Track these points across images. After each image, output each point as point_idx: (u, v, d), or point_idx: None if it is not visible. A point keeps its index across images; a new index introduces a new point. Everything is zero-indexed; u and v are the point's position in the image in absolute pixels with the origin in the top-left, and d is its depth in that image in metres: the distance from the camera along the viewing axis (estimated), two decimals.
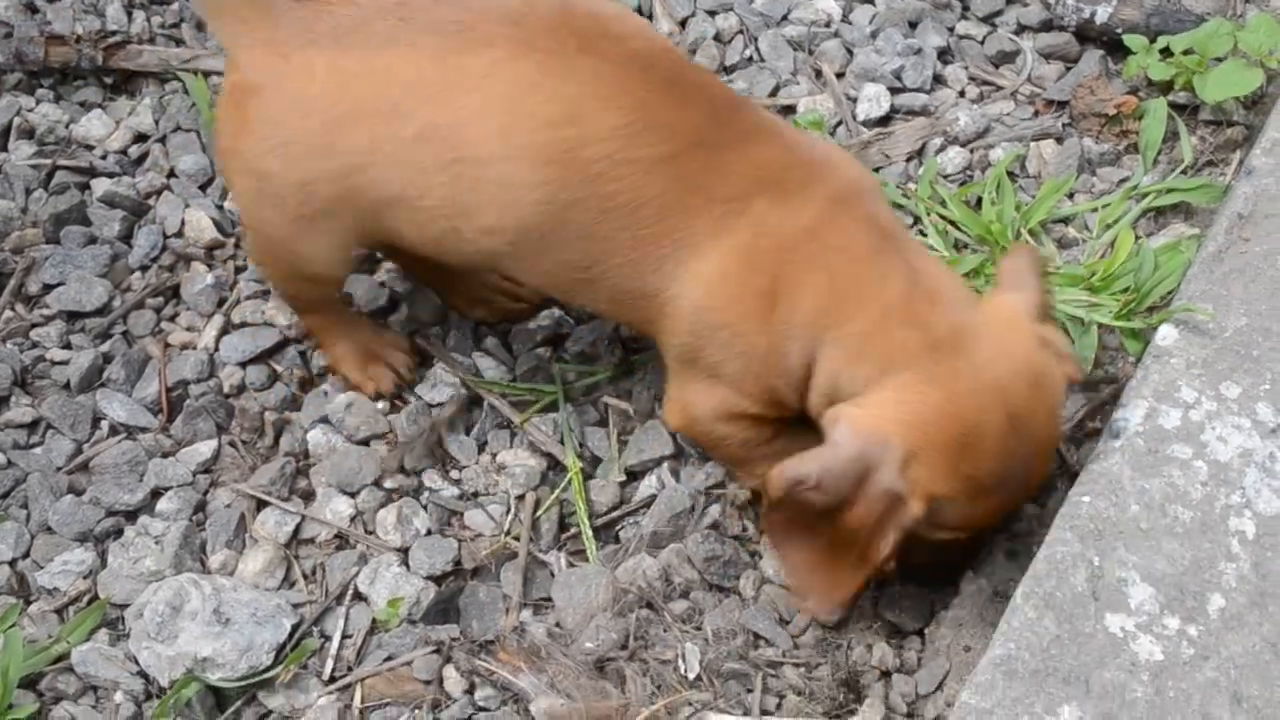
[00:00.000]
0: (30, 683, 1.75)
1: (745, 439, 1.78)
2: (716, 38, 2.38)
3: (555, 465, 1.92)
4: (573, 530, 1.87)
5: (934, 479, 1.57)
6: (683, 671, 1.72)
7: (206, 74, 2.31)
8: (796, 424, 1.74)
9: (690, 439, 1.88)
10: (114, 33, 2.36)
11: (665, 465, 1.91)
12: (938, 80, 2.33)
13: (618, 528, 1.88)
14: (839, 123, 2.27)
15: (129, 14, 2.40)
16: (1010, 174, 2.18)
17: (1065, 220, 2.13)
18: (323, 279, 1.86)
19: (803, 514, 1.60)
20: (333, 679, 1.76)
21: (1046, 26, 2.39)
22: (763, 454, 1.78)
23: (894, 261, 1.64)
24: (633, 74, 1.65)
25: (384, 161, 1.67)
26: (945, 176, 2.20)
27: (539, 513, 1.87)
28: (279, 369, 2.02)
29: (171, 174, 2.23)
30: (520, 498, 1.89)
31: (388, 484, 1.90)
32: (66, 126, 2.27)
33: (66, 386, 2.01)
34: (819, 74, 2.34)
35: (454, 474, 1.92)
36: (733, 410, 1.74)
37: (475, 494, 1.90)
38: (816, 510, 1.59)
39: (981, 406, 1.57)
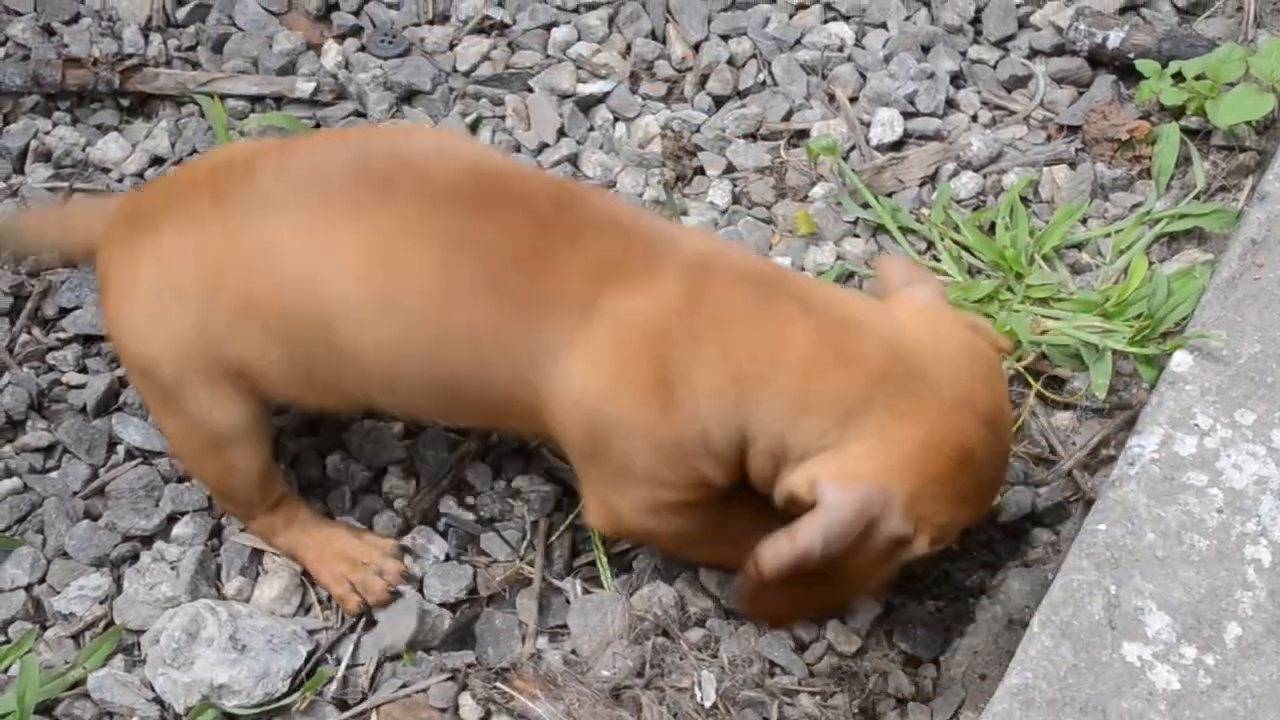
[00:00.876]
0: (46, 709, 1.76)
1: (678, 529, 1.70)
2: (730, 62, 2.38)
3: (569, 491, 1.92)
4: (587, 557, 1.87)
5: (937, 511, 1.55)
6: (699, 699, 1.72)
7: (223, 97, 2.32)
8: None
9: (627, 540, 1.83)
10: (131, 55, 2.37)
11: None
12: (950, 105, 2.34)
13: (631, 555, 1.87)
14: (852, 147, 2.27)
15: (146, 37, 2.41)
16: (1023, 199, 2.18)
17: (1078, 246, 2.14)
18: (230, 437, 1.75)
19: (788, 580, 1.56)
20: (348, 706, 1.76)
21: (1059, 51, 2.39)
22: (700, 537, 1.72)
23: (785, 305, 1.57)
24: (438, 207, 1.60)
25: (217, 336, 1.67)
26: (958, 201, 2.20)
27: (552, 538, 1.88)
28: None
29: None
30: (535, 524, 1.89)
31: (406, 511, 1.91)
32: (83, 149, 2.28)
33: (83, 410, 2.01)
34: (832, 98, 2.34)
35: (469, 499, 1.93)
36: (656, 503, 1.66)
37: (491, 519, 1.91)
38: (806, 573, 1.55)
39: (960, 425, 1.54)
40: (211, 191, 1.67)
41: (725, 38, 2.42)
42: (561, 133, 2.31)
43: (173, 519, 1.91)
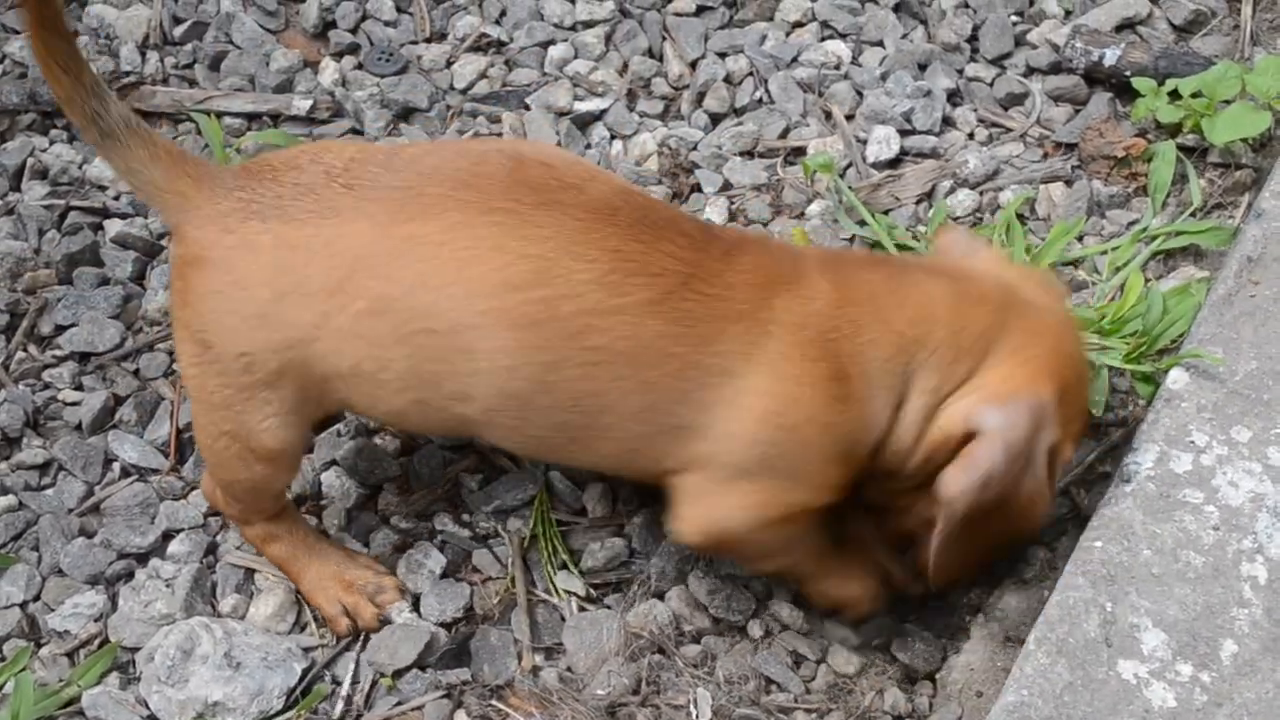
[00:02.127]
0: None
1: (781, 537, 1.73)
2: (727, 80, 2.39)
3: (561, 505, 1.92)
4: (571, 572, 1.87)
5: (1073, 416, 1.68)
6: (694, 717, 1.72)
7: (220, 115, 2.32)
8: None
9: (721, 551, 1.81)
10: (128, 73, 2.37)
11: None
12: (947, 122, 2.34)
13: (623, 572, 1.87)
14: (849, 164, 2.27)
15: (143, 55, 2.41)
16: (1020, 216, 2.18)
17: (1075, 263, 2.14)
18: (273, 456, 1.71)
19: (969, 522, 1.63)
20: None
21: (1055, 69, 2.40)
22: (790, 547, 1.76)
23: (915, 271, 1.71)
24: (599, 223, 1.60)
25: (333, 336, 1.61)
26: (955, 219, 2.20)
27: (526, 551, 1.87)
28: None
29: None
30: (523, 539, 1.89)
31: (402, 526, 1.91)
32: (80, 167, 2.28)
33: (78, 428, 2.01)
34: (829, 116, 2.35)
35: (464, 516, 1.93)
36: (796, 508, 1.68)
37: (485, 537, 1.90)
38: (984, 511, 1.62)
39: (1073, 335, 1.73)
40: (348, 183, 1.62)
41: (722, 55, 2.42)
42: None
43: (168, 536, 1.91)
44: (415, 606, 1.84)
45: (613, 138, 2.33)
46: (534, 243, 1.58)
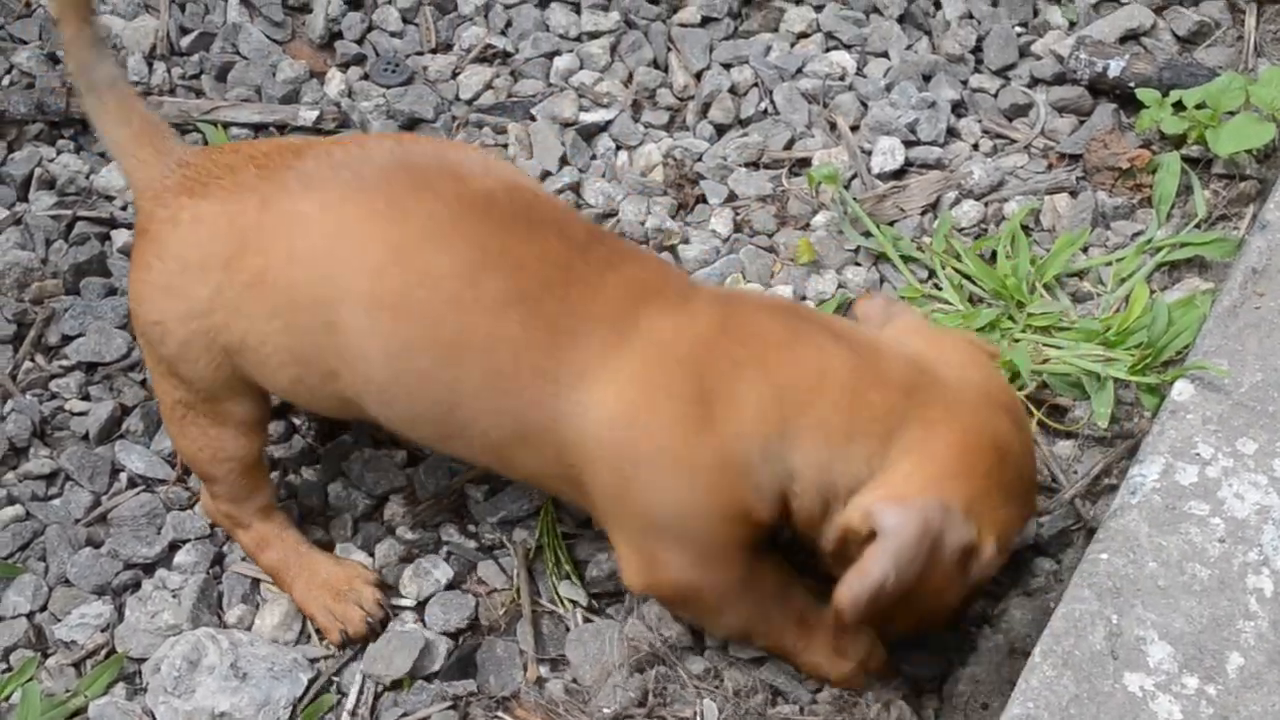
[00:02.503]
0: None
1: (722, 584, 1.66)
2: (732, 90, 2.39)
3: (560, 513, 1.92)
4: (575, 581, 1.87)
5: (995, 508, 1.57)
6: None
7: (226, 125, 2.33)
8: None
9: (659, 598, 1.76)
10: (135, 84, 2.37)
11: None
12: (951, 133, 2.34)
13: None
14: (854, 176, 2.28)
15: (150, 65, 2.42)
16: (1024, 227, 2.18)
17: (1080, 274, 2.14)
18: (217, 414, 1.75)
19: (872, 616, 1.56)
20: None
21: (1059, 80, 2.40)
22: (742, 595, 1.68)
23: (816, 333, 1.59)
24: (470, 214, 1.59)
25: (223, 309, 1.65)
26: (960, 230, 2.21)
27: (531, 562, 1.87)
28: (297, 422, 2.03)
29: None
30: (529, 551, 1.89)
31: (408, 537, 1.91)
32: (87, 177, 2.29)
33: (85, 438, 2.01)
34: (834, 127, 2.35)
35: (470, 527, 1.93)
36: (698, 549, 1.62)
37: (491, 548, 1.91)
38: (887, 607, 1.55)
39: (989, 419, 1.58)
40: (261, 166, 1.66)
41: (727, 66, 2.43)
42: (564, 161, 2.31)
43: (175, 547, 1.91)
44: (420, 617, 1.84)
45: (618, 148, 2.34)
46: (398, 226, 1.58)
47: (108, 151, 1.78)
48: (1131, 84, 2.33)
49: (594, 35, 2.47)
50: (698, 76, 2.42)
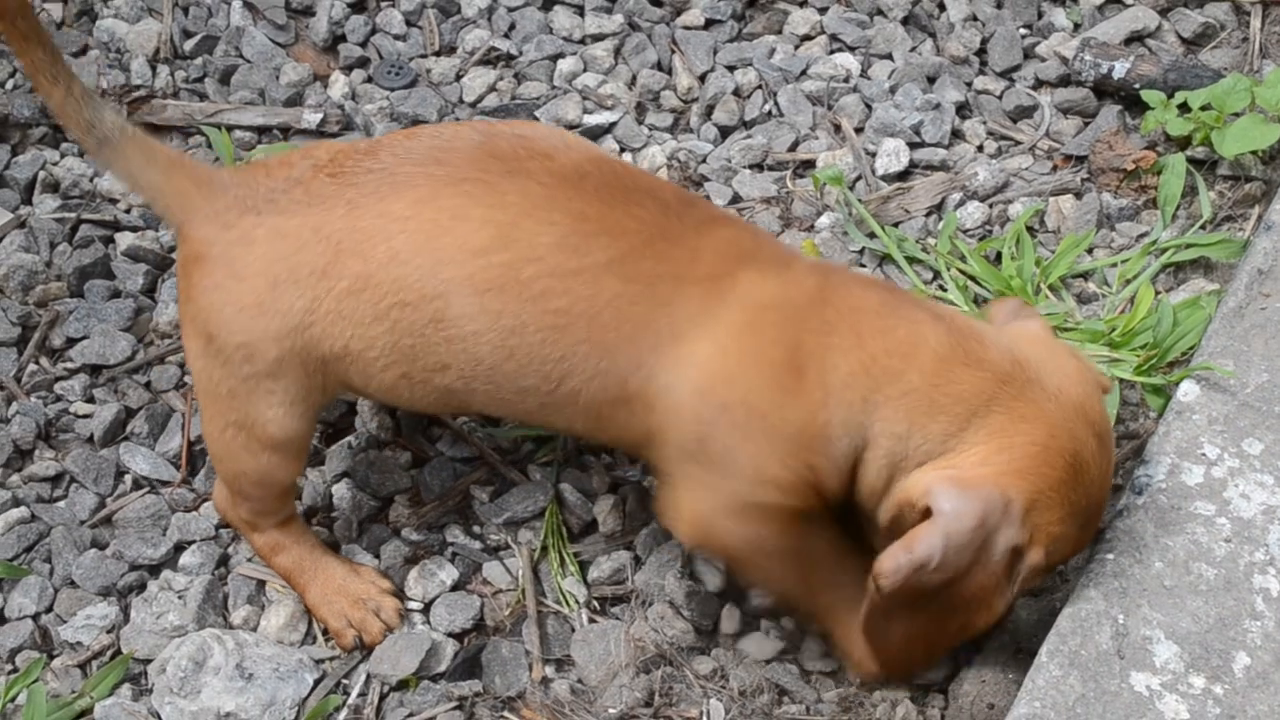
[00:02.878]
0: None
1: (766, 541, 1.65)
2: (735, 93, 2.39)
3: (562, 512, 1.92)
4: (579, 580, 1.87)
5: (1053, 520, 1.55)
6: None
7: (230, 128, 2.33)
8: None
9: (707, 551, 1.77)
10: (139, 87, 2.38)
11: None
12: (956, 135, 2.35)
13: (630, 583, 1.87)
14: (858, 177, 2.28)
15: (153, 69, 2.42)
16: (1029, 229, 2.18)
17: (1085, 275, 2.14)
18: (280, 444, 1.73)
19: (910, 599, 1.54)
20: None
21: (1064, 81, 2.40)
22: (784, 554, 1.67)
23: (916, 309, 1.60)
24: (565, 188, 1.62)
25: (323, 319, 1.65)
26: (964, 231, 2.21)
27: (536, 562, 1.87)
28: None
29: None
30: (534, 551, 1.89)
31: (413, 538, 1.91)
32: (91, 180, 2.29)
33: (90, 440, 2.01)
34: (838, 129, 2.35)
35: (475, 528, 1.93)
36: (753, 505, 1.62)
37: (496, 549, 1.91)
38: (927, 591, 1.54)
39: (1077, 434, 1.56)
40: (333, 172, 1.66)
41: (731, 69, 2.43)
42: None
43: (180, 548, 1.91)
44: (426, 618, 1.84)
45: (622, 150, 2.34)
46: (497, 209, 1.60)
47: (140, 197, 1.76)
48: (1136, 86, 2.33)
49: (597, 38, 2.47)
50: (701, 79, 2.42)
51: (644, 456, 1.71)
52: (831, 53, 2.46)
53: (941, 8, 2.50)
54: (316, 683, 1.78)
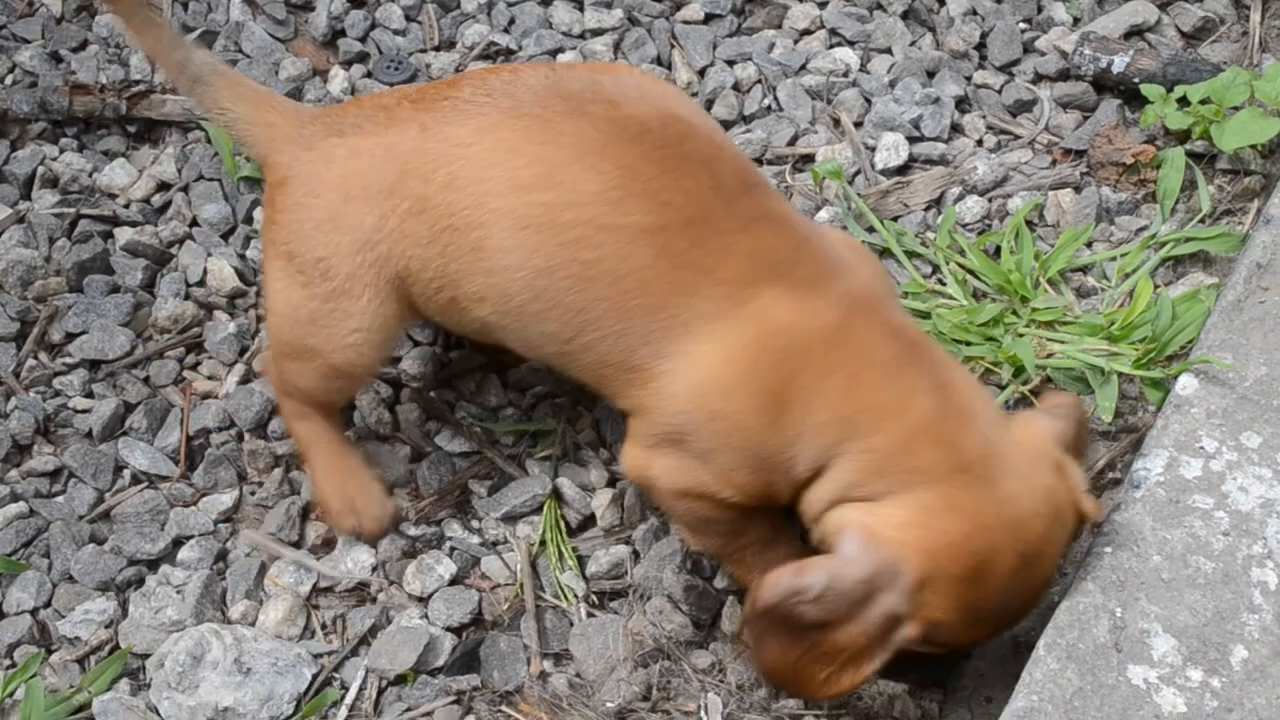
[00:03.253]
0: None
1: (706, 517, 1.70)
2: (735, 87, 2.39)
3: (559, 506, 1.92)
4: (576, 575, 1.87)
5: (938, 606, 1.54)
6: None
7: None
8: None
9: (647, 494, 1.80)
10: (138, 82, 2.38)
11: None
12: (955, 129, 2.34)
13: (629, 579, 1.87)
14: (857, 171, 2.28)
15: (153, 64, 2.42)
16: (1029, 223, 2.18)
17: (1084, 269, 2.14)
18: (353, 372, 1.79)
19: (786, 621, 1.55)
20: None
21: (1064, 76, 2.40)
22: (717, 530, 1.72)
23: (922, 374, 1.57)
24: (622, 139, 1.61)
25: (389, 237, 1.69)
26: (964, 225, 2.20)
27: (535, 557, 1.87)
28: None
29: (194, 223, 2.24)
30: (532, 546, 1.89)
31: (410, 532, 1.91)
32: (90, 175, 2.29)
33: (89, 435, 2.02)
34: (837, 123, 2.35)
35: (474, 523, 1.93)
36: (703, 492, 1.66)
37: (494, 543, 1.91)
38: (803, 622, 1.54)
39: (998, 544, 1.54)
40: (415, 99, 1.71)
41: (730, 63, 2.43)
42: None
43: (178, 543, 1.91)
44: (424, 612, 1.84)
45: None
46: (550, 147, 1.61)
47: (232, 132, 1.83)
48: (1136, 80, 2.33)
49: (597, 32, 2.47)
50: (701, 73, 2.42)
51: (622, 410, 1.73)
52: (831, 47, 2.46)
53: (941, 2, 2.50)
54: (314, 677, 1.78)
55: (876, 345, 1.58)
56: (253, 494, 1.97)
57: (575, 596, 1.85)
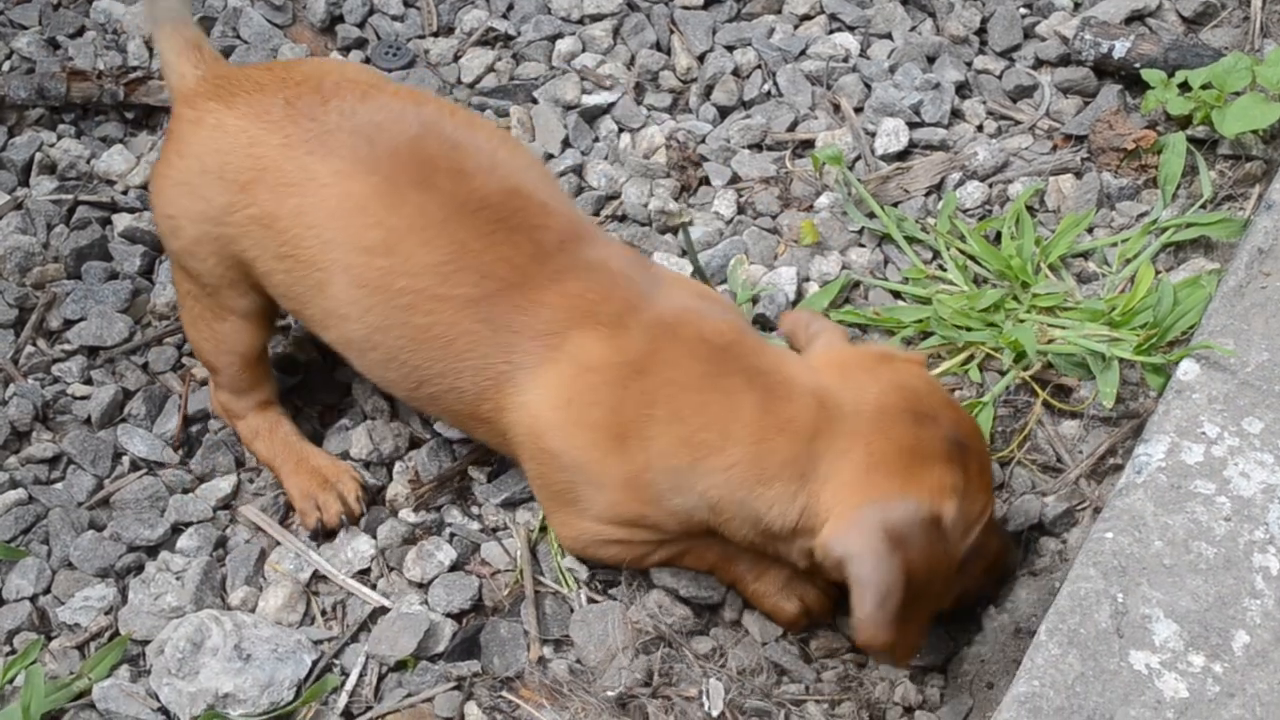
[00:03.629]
0: (52, 719, 1.75)
1: (637, 555, 1.78)
2: (735, 73, 2.38)
3: None
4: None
5: (924, 484, 1.59)
6: (706, 709, 1.72)
7: None
8: None
9: (585, 560, 1.85)
10: (135, 68, 2.37)
11: None
12: (956, 115, 2.34)
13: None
14: (857, 157, 2.27)
15: (150, 49, 2.41)
16: (1029, 208, 2.18)
17: (1085, 255, 2.13)
18: (229, 312, 1.85)
19: (893, 615, 1.58)
20: (354, 715, 1.75)
21: (1064, 61, 2.39)
22: (662, 559, 1.79)
23: (734, 377, 1.65)
24: (460, 215, 1.70)
25: (235, 227, 1.76)
26: (964, 211, 2.20)
27: (535, 544, 1.87)
28: (299, 404, 2.02)
29: None
30: (531, 531, 1.89)
31: (410, 519, 1.90)
32: (88, 162, 2.28)
33: (87, 422, 2.01)
34: (837, 109, 2.34)
35: (474, 509, 1.92)
36: (618, 540, 1.75)
37: (494, 529, 1.90)
38: (908, 604, 1.58)
39: (885, 429, 1.61)
40: (289, 99, 1.76)
41: (730, 48, 2.42)
42: (566, 143, 2.31)
43: (178, 529, 1.91)
44: (424, 598, 1.84)
45: (620, 131, 2.33)
46: (393, 215, 1.69)
47: (163, 72, 1.89)
48: (1137, 65, 2.32)
49: (596, 18, 2.47)
50: (700, 59, 2.41)
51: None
52: (831, 32, 2.45)
53: None
54: (314, 663, 1.77)
55: (684, 365, 1.66)
56: (251, 481, 1.97)
57: (576, 582, 1.85)
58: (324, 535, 1.89)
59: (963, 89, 2.37)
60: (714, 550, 1.76)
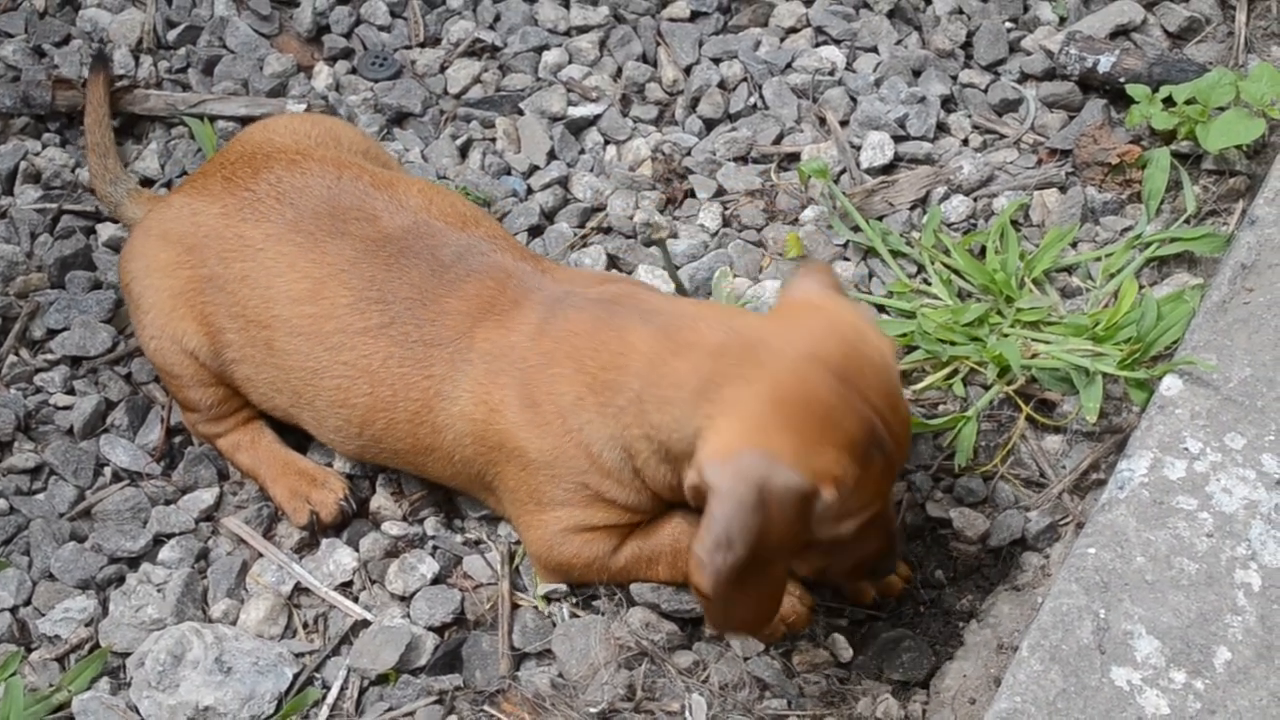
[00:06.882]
0: None
1: (607, 553, 1.78)
2: (721, 85, 2.38)
3: None
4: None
5: (825, 459, 1.53)
6: None
7: (213, 118, 2.32)
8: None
9: (569, 580, 1.83)
10: (121, 77, 2.37)
11: None
12: (941, 129, 2.34)
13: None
14: (843, 170, 2.27)
15: (136, 59, 2.41)
16: (1014, 223, 2.18)
17: (1069, 269, 2.14)
18: (181, 382, 1.93)
19: (738, 580, 1.55)
20: None
21: (1049, 75, 2.40)
22: (634, 560, 1.79)
23: (626, 318, 1.68)
24: (369, 254, 1.81)
25: (193, 295, 1.88)
26: (949, 225, 2.20)
27: (517, 561, 1.87)
28: (280, 424, 2.02)
29: None
30: (512, 545, 1.88)
31: (393, 532, 1.90)
32: (73, 170, 2.28)
33: (70, 432, 2.01)
34: (823, 122, 2.34)
35: (457, 522, 1.92)
36: (572, 527, 1.76)
37: (476, 542, 1.90)
38: (745, 566, 1.54)
39: (806, 376, 1.55)
40: (225, 175, 1.91)
41: (716, 61, 2.42)
42: (552, 155, 2.31)
43: (159, 541, 1.91)
44: (406, 611, 1.83)
45: (606, 143, 2.33)
46: (316, 265, 1.82)
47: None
48: (1121, 79, 2.33)
49: (583, 30, 2.47)
50: (687, 71, 2.42)
51: (483, 502, 1.89)
52: (817, 45, 2.45)
53: (927, 1, 2.50)
54: (295, 676, 1.77)
55: (577, 319, 1.71)
56: (234, 494, 1.96)
57: (558, 597, 1.84)
58: (319, 530, 1.90)
59: (948, 103, 2.37)
60: (684, 558, 1.74)
